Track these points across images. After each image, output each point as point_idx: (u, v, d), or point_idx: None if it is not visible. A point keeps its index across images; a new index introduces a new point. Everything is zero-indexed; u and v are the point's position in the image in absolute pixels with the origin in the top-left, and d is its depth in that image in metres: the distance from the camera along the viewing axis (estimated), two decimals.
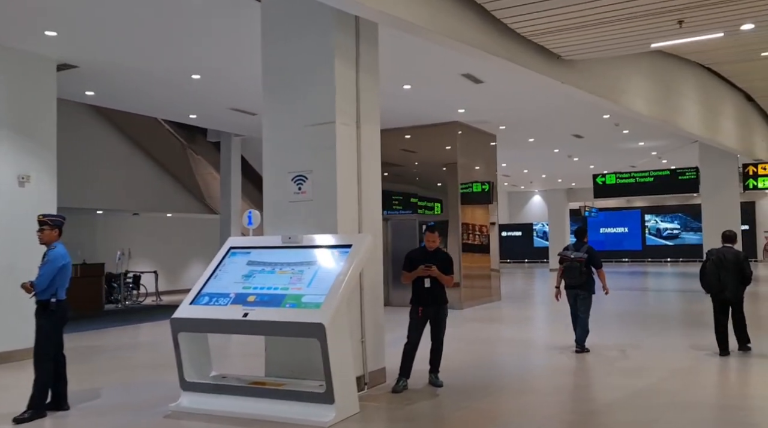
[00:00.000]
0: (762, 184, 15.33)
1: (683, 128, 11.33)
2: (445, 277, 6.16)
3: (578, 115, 13.16)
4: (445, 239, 13.49)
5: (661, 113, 10.48)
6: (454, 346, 8.70)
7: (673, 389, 6.18)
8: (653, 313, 12.99)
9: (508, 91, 10.94)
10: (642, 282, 22.67)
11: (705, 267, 7.65)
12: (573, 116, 13.27)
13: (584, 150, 18.06)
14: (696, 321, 11.71)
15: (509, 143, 16.25)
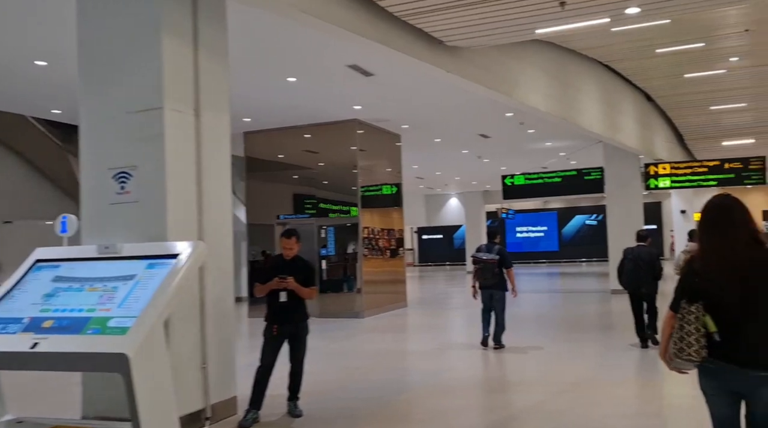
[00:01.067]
0: (662, 183, 15.39)
1: (583, 126, 11.01)
2: (304, 290, 5.32)
3: (481, 114, 12.68)
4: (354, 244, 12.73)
5: (559, 109, 10.09)
6: (331, 363, 7.92)
7: (558, 409, 5.59)
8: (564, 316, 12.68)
9: (402, 86, 10.27)
10: (557, 283, 22.70)
11: (623, 265, 8.06)
12: (476, 115, 12.78)
13: (493, 151, 17.72)
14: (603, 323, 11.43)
15: (415, 144, 15.65)
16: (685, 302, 2.73)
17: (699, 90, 13.36)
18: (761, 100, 14.01)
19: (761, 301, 2.66)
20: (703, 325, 2.68)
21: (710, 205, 2.86)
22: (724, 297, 2.69)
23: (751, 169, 14.87)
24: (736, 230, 2.75)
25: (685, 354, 2.68)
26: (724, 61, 11.35)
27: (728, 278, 2.70)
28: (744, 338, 2.66)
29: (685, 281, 2.84)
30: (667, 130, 16.29)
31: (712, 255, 2.77)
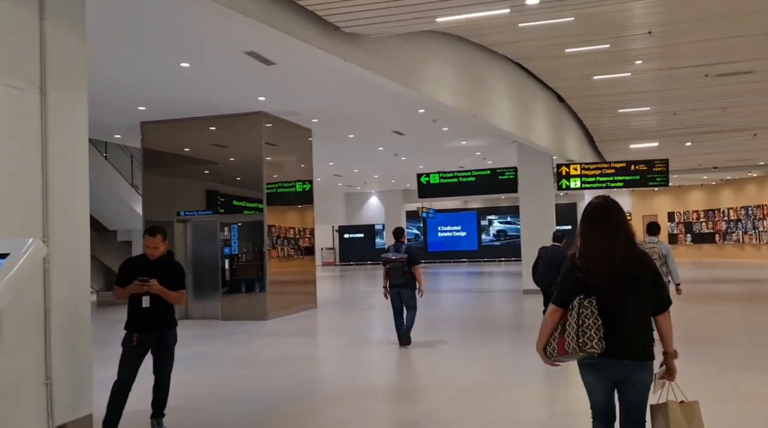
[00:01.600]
0: (573, 184, 15.60)
1: (494, 124, 10.87)
2: (171, 294, 4.74)
3: (393, 110, 12.36)
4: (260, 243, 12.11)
5: (469, 106, 9.88)
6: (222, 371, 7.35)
7: (448, 418, 5.27)
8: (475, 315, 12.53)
9: (307, 77, 9.78)
10: (474, 282, 22.79)
11: (537, 264, 8.49)
12: (388, 110, 12.46)
13: (409, 148, 17.50)
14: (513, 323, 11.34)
15: (328, 139, 15.18)
16: (581, 297, 2.87)
17: (607, 92, 13.55)
18: (664, 104, 14.39)
19: (634, 297, 2.90)
20: (598, 318, 2.84)
21: (591, 206, 3.05)
22: (603, 292, 2.87)
23: (656, 171, 15.28)
24: (614, 230, 2.95)
25: (588, 347, 2.81)
26: (629, 63, 11.50)
27: (605, 274, 2.89)
28: (620, 331, 2.86)
29: (567, 277, 2.99)
30: (579, 131, 16.55)
31: (592, 252, 2.95)
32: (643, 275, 2.94)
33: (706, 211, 31.99)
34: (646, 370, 2.93)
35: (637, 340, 2.90)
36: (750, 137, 16.60)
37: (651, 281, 2.96)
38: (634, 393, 2.96)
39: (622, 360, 2.89)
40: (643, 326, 2.93)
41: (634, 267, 2.93)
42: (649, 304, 2.95)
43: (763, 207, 28.54)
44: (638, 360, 2.90)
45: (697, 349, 8.03)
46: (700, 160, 20.33)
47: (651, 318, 2.99)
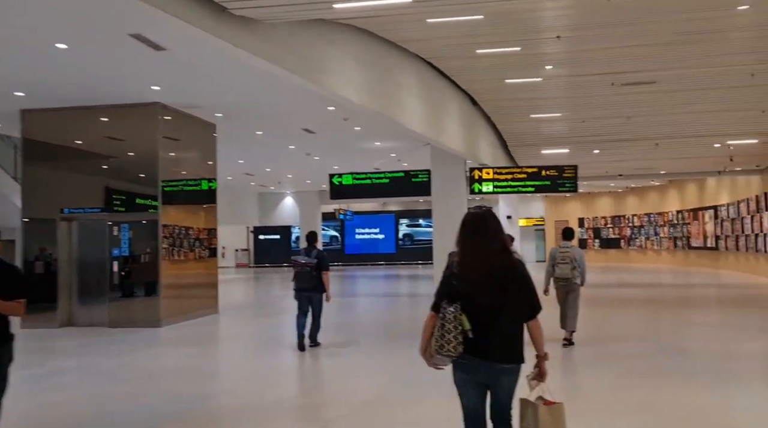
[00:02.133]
0: (486, 188, 15.55)
1: (404, 124, 10.51)
2: (4, 304, 4.01)
3: (301, 106, 11.80)
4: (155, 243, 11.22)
5: (376, 104, 9.46)
6: (90, 387, 6.57)
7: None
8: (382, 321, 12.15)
9: (203, 66, 9.10)
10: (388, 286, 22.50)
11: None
12: (296, 106, 11.89)
13: (322, 148, 16.97)
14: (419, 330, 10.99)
15: (235, 136, 14.44)
16: (445, 302, 3.04)
17: (519, 96, 13.53)
18: (574, 111, 14.56)
19: (507, 303, 3.06)
20: (460, 324, 2.99)
21: (469, 216, 3.19)
22: (478, 298, 3.03)
23: (565, 176, 15.45)
24: (490, 238, 3.10)
25: (444, 350, 2.98)
26: (540, 68, 11.45)
27: (482, 281, 3.04)
28: (491, 335, 3.02)
29: (445, 283, 3.14)
30: (492, 135, 16.54)
31: (470, 259, 3.09)
32: (516, 283, 3.10)
33: (613, 217, 33.23)
34: (514, 373, 3.10)
35: (507, 344, 3.06)
36: (652, 146, 17.14)
37: (523, 289, 3.12)
38: (502, 394, 3.12)
39: (493, 363, 3.04)
40: (514, 331, 3.09)
41: (507, 275, 3.09)
42: (520, 311, 3.11)
43: (663, 214, 29.90)
44: (507, 363, 3.07)
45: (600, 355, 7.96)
46: (607, 168, 20.91)
47: (522, 323, 3.13)
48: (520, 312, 3.11)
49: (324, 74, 7.95)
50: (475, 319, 3.01)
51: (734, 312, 12.34)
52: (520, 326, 3.12)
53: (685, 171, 22.21)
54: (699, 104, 13.91)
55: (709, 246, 25.92)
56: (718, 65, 11.32)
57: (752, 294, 15.89)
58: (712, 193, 25.79)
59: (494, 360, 3.04)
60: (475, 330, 3.01)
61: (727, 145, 16.88)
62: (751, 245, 21.16)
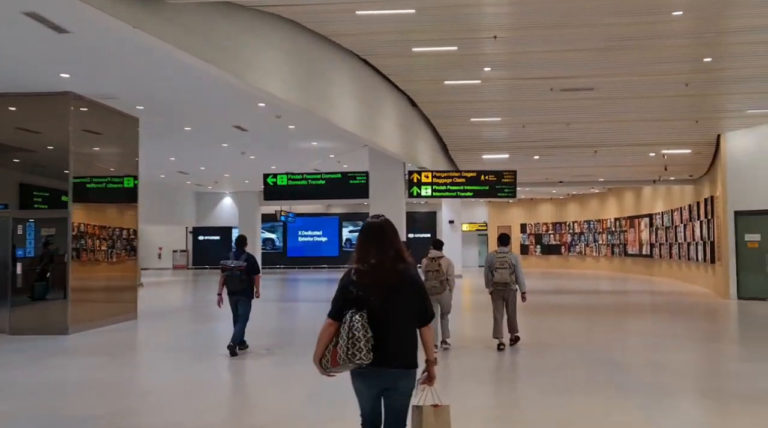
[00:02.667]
0: (425, 191, 15.24)
1: (335, 122, 10.03)
2: None
3: (229, 101, 11.17)
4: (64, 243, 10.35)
5: (305, 100, 8.97)
6: None
7: None
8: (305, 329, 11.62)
9: (115, 52, 8.39)
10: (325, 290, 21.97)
11: None
12: (224, 101, 11.25)
13: (257, 147, 16.31)
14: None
15: (162, 131, 13.66)
16: (353, 311, 3.08)
17: (459, 99, 13.27)
18: (514, 116, 14.40)
19: (402, 310, 3.16)
20: (368, 330, 3.05)
21: (367, 225, 3.28)
22: (375, 304, 3.10)
23: (504, 182, 15.31)
24: (387, 247, 3.18)
25: (357, 358, 3.01)
26: (479, 70, 11.19)
27: (376, 288, 3.12)
28: (388, 341, 3.10)
29: (343, 291, 3.17)
30: (432, 138, 16.25)
31: (367, 267, 3.14)
32: (410, 290, 3.20)
33: (554, 224, 33.61)
34: (410, 377, 3.18)
35: (403, 350, 3.15)
36: (591, 154, 17.20)
37: (417, 296, 3.22)
38: (398, 398, 3.19)
39: (390, 369, 3.12)
40: (409, 336, 3.19)
41: (402, 282, 3.18)
42: (414, 317, 3.21)
43: (602, 221, 30.39)
44: (404, 368, 3.14)
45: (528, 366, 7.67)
46: (547, 174, 20.96)
47: (416, 329, 3.23)
48: (414, 318, 3.20)
49: (245, 66, 7.40)
50: (372, 326, 3.09)
51: (666, 321, 12.36)
52: (414, 332, 3.22)
53: (623, 179, 22.52)
54: (635, 112, 13.97)
55: (645, 253, 26.42)
56: (653, 73, 11.31)
57: (683, 301, 16.10)
58: (648, 202, 26.31)
59: (392, 366, 3.11)
60: (374, 336, 3.09)
61: (662, 155, 17.09)
62: (683, 253, 21.59)
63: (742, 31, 9.22)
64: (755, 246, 15.22)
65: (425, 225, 35.48)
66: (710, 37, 9.64)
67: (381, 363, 3.08)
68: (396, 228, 3.31)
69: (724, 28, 9.22)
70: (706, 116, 14.34)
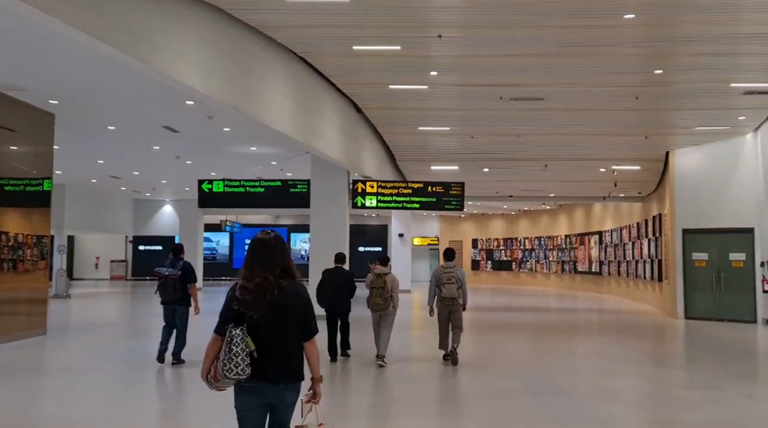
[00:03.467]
0: (369, 202, 14.51)
1: (265, 122, 9.19)
2: None
3: (154, 97, 10.26)
4: None
5: (230, 96, 8.13)
6: None
7: None
8: None
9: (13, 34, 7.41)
10: None
11: (322, 285, 8.86)
12: (147, 98, 10.33)
13: (193, 151, 15.34)
14: None
15: (84, 130, 12.59)
16: (232, 326, 3.12)
17: (406, 106, 12.64)
18: (463, 125, 13.86)
19: (287, 325, 3.20)
20: (247, 345, 3.10)
21: (254, 241, 3.30)
22: (260, 319, 3.15)
23: (452, 194, 14.71)
24: (272, 262, 3.21)
25: (233, 373, 3.06)
26: (425, 73, 10.57)
27: (261, 305, 3.15)
28: (273, 356, 3.16)
29: (228, 306, 3.20)
30: (379, 147, 15.58)
31: (251, 284, 3.16)
32: (296, 306, 3.21)
33: (506, 240, 33.37)
34: (295, 391, 3.23)
35: (288, 365, 3.19)
36: (542, 168, 16.82)
37: (302, 312, 3.23)
38: (283, 412, 3.23)
39: (277, 384, 3.16)
40: (293, 351, 3.22)
41: (287, 298, 3.19)
42: (299, 332, 3.23)
43: (553, 238, 30.26)
44: (290, 382, 3.19)
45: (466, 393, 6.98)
46: (497, 188, 20.53)
47: (301, 344, 3.25)
48: (299, 334, 3.23)
49: (153, 50, 6.54)
50: (256, 341, 3.11)
51: (613, 341, 11.89)
52: (299, 346, 3.24)
53: (573, 194, 22.31)
54: (586, 125, 13.60)
55: (594, 270, 26.29)
56: (604, 84, 10.92)
57: (631, 320, 15.77)
58: (597, 219, 26.24)
59: (276, 382, 3.15)
60: (257, 351, 3.11)
61: (612, 170, 16.84)
62: (631, 271, 21.45)
63: (692, 41, 8.87)
64: (702, 264, 15.01)
65: (376, 239, 34.78)
66: (661, 46, 9.27)
67: (266, 379, 3.12)
68: (285, 245, 3.30)
69: (674, 36, 8.85)
70: (655, 132, 14.10)
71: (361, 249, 35.93)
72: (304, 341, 3.24)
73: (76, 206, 22.76)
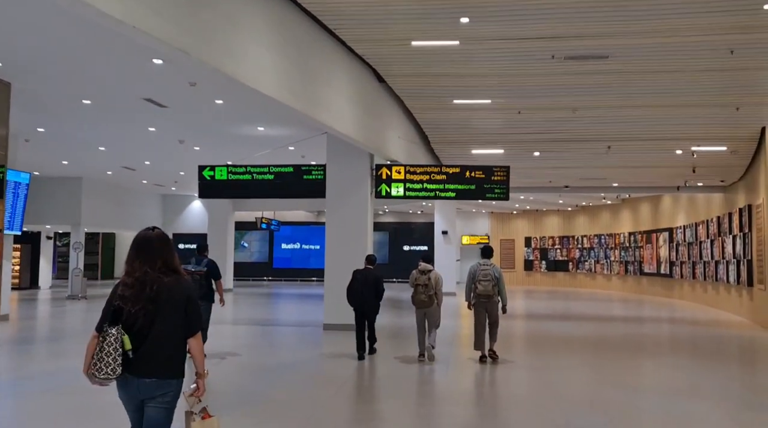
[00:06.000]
0: (396, 190, 12.26)
1: (242, 80, 7.02)
2: None
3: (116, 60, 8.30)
4: None
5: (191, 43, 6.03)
6: None
7: None
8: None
9: None
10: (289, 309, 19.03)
11: (352, 286, 9.06)
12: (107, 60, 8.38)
13: (193, 134, 13.43)
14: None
15: (58, 106, 10.81)
16: (107, 324, 3.12)
17: (435, 71, 10.31)
18: (507, 96, 11.40)
19: (166, 320, 3.19)
20: (122, 344, 3.09)
21: (137, 237, 3.33)
22: (137, 315, 3.15)
23: (495, 180, 12.27)
24: (153, 258, 3.24)
25: (102, 373, 3.08)
26: (454, 22, 8.24)
27: (140, 300, 3.16)
28: (147, 352, 3.14)
29: (109, 303, 3.21)
30: (409, 126, 13.29)
31: (131, 280, 3.20)
32: (176, 301, 3.22)
33: (562, 238, 30.48)
34: (169, 387, 3.20)
35: (163, 360, 3.18)
36: (603, 150, 14.16)
37: (183, 307, 3.23)
38: (154, 408, 3.19)
39: (147, 379, 3.14)
40: (172, 347, 3.21)
41: (168, 293, 3.20)
42: (180, 328, 3.23)
43: (615, 236, 27.23)
44: (162, 379, 3.17)
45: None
46: (550, 176, 17.86)
47: (184, 340, 3.25)
48: (180, 329, 3.21)
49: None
50: (134, 337, 3.12)
51: (698, 366, 9.26)
52: (179, 342, 3.23)
53: (641, 184, 19.36)
54: (660, 94, 10.94)
55: (663, 272, 23.24)
56: (686, 31, 8.31)
57: (715, 335, 12.98)
58: (667, 214, 23.18)
59: (148, 376, 3.14)
60: (134, 347, 3.11)
61: (691, 152, 14.02)
62: (710, 273, 18.43)
63: None
64: None
65: (421, 238, 32.43)
66: None
67: (140, 373, 3.12)
68: (168, 240, 3.34)
69: None
70: (751, 101, 11.25)
71: (406, 249, 33.71)
72: (188, 337, 3.25)
73: (96, 201, 21.41)
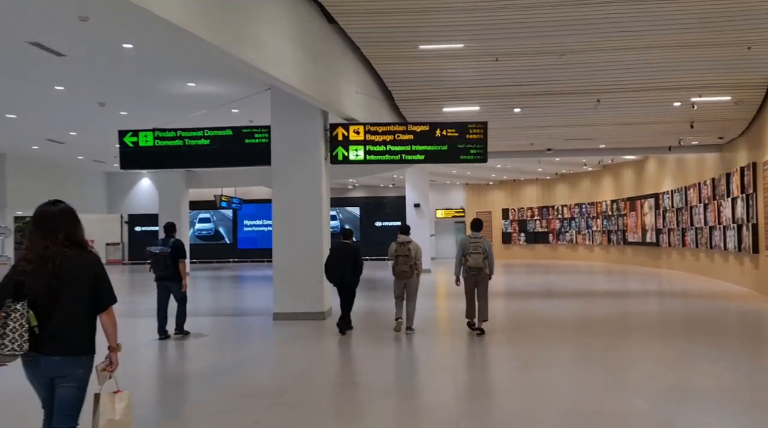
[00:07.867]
0: (355, 154, 10.39)
1: (146, 6, 5.07)
2: None
3: None
4: None
5: None
6: None
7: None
8: None
9: None
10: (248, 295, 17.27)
11: (330, 260, 8.95)
12: None
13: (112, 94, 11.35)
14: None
15: None
16: (11, 300, 3.05)
17: (395, 6, 8.41)
18: (481, 39, 9.54)
19: (70, 296, 3.15)
20: (27, 321, 3.04)
21: (37, 211, 3.24)
22: (40, 291, 3.08)
23: (470, 139, 10.47)
24: (54, 232, 3.16)
25: (8, 349, 2.98)
26: None
27: (41, 275, 3.08)
28: (51, 328, 3.10)
29: (9, 278, 3.13)
30: (368, 79, 11.38)
31: (31, 255, 3.13)
32: (81, 276, 3.17)
33: (541, 208, 28.97)
34: (78, 365, 3.17)
35: (70, 337, 3.13)
36: (592, 104, 12.43)
37: (90, 281, 3.19)
38: (65, 386, 3.15)
39: (54, 356, 3.10)
40: (79, 323, 3.17)
41: (73, 268, 3.14)
42: (87, 303, 3.20)
43: (597, 204, 25.77)
44: (70, 356, 3.14)
45: None
46: (532, 137, 16.11)
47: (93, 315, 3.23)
48: (87, 305, 3.19)
49: None
50: (39, 313, 3.07)
51: (696, 349, 7.69)
52: (87, 317, 3.19)
53: (630, 144, 17.70)
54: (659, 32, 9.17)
55: (649, 241, 21.84)
56: None
57: (722, 308, 11.49)
58: (652, 179, 21.74)
59: (55, 353, 3.10)
60: (39, 324, 3.07)
61: (691, 104, 12.34)
62: (703, 240, 16.99)
63: None
64: None
65: (394, 213, 30.66)
66: None
67: (45, 350, 3.07)
68: (73, 213, 3.26)
69: None
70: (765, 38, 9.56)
71: (378, 225, 31.97)
72: (98, 312, 3.22)
73: (24, 181, 19.21)
